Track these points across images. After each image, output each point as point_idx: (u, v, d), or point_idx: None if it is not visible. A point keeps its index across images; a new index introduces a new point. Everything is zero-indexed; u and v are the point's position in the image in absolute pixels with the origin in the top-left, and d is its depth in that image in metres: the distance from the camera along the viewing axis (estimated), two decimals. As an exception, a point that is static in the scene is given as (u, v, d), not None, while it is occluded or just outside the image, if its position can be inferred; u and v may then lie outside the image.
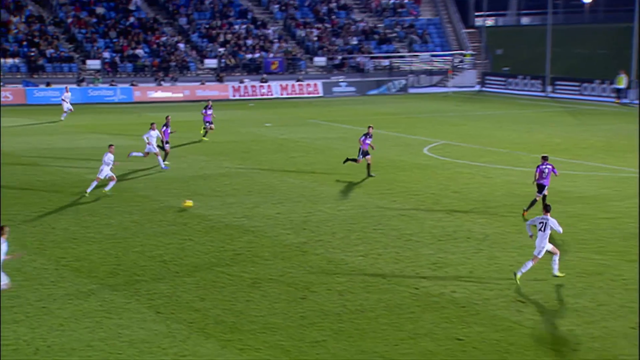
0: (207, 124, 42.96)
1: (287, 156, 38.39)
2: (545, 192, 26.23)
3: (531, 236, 20.35)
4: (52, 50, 68.57)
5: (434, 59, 78.24)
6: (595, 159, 36.27)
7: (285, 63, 73.60)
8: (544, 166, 26.32)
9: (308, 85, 70.09)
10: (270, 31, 76.64)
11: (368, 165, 32.93)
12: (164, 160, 34.90)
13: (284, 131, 47.05)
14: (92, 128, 47.69)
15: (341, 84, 71.18)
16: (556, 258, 20.10)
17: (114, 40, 71.45)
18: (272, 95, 68.16)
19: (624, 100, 59.36)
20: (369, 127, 33.44)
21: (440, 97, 67.44)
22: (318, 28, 78.44)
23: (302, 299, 19.07)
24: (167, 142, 35.74)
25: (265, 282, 20.20)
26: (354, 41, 77.64)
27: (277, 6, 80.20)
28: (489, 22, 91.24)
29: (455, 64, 78.04)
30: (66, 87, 54.72)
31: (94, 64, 68.67)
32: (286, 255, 22.45)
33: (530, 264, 19.84)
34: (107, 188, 29.58)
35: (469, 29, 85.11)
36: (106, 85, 65.33)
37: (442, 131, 45.74)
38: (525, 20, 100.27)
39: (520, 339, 16.57)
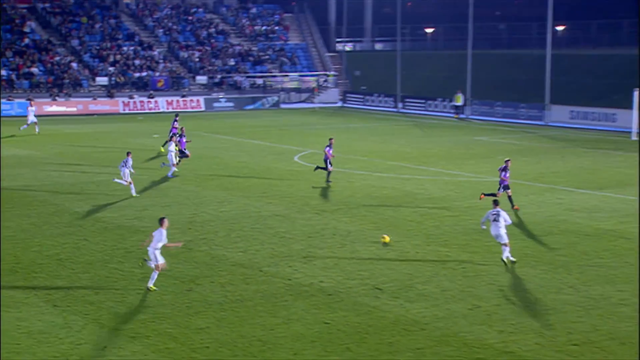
0: (173, 135, 42.03)
1: (173, 164, 37.72)
2: (509, 191, 26.76)
3: (483, 227, 21.24)
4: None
5: (302, 78, 78.71)
6: (438, 166, 37.21)
7: (170, 81, 72.51)
8: (508, 172, 26.74)
9: (191, 100, 69.30)
10: (156, 52, 75.44)
11: (328, 172, 32.46)
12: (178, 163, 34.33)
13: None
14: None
15: (221, 99, 70.68)
16: (506, 249, 20.42)
17: (10, 59, 68.77)
18: (159, 109, 67.07)
19: (462, 115, 61.30)
20: (330, 139, 33.28)
21: (308, 112, 67.88)
22: (199, 50, 77.71)
23: (188, 290, 18.80)
24: (185, 150, 35.75)
25: (154, 277, 19.78)
26: (232, 62, 77.32)
27: (161, 30, 79.06)
28: (348, 47, 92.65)
29: (320, 83, 78.75)
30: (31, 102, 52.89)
31: (-9, 81, 65.75)
32: (173, 252, 22.05)
33: (506, 249, 20.46)
34: (133, 192, 29.53)
35: (331, 53, 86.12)
36: (4, 100, 62.68)
37: (310, 141, 46.02)
38: (379, 46, 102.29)
39: (378, 322, 16.80)
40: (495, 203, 21.07)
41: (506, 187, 26.93)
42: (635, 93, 47.41)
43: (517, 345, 15.41)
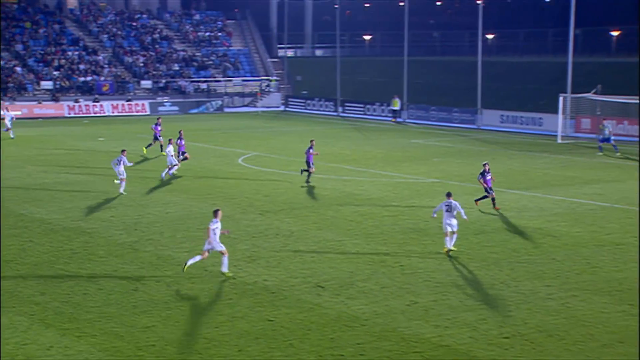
0: (156, 139, 41.48)
1: (119, 166, 37.20)
2: (493, 193, 27.00)
3: (434, 216, 22.05)
4: None
5: (245, 83, 78.43)
6: (377, 167, 37.46)
7: (115, 85, 71.45)
8: (488, 175, 26.93)
9: (137, 104, 68.37)
10: (100, 57, 74.28)
11: (309, 173, 32.68)
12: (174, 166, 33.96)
13: (116, 144, 45.60)
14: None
15: (166, 103, 69.89)
16: (448, 239, 21.15)
17: (-46, 63, 66.98)
18: (104, 113, 66.01)
19: (399, 119, 61.82)
20: (311, 140, 33.40)
21: (251, 116, 67.64)
22: (144, 55, 76.75)
23: (134, 290, 18.55)
24: (184, 152, 35.44)
25: (100, 277, 19.49)
26: (176, 67, 76.57)
27: (106, 36, 77.89)
28: (290, 53, 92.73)
29: (263, 88, 78.58)
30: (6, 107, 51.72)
31: None
32: (119, 253, 21.76)
33: (452, 239, 21.25)
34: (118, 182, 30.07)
35: (273, 59, 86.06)
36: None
37: (253, 144, 45.88)
38: (319, 52, 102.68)
39: (320, 318, 16.83)
40: (448, 195, 21.68)
41: (491, 189, 27.04)
42: (560, 98, 48.49)
43: (452, 339, 15.60)
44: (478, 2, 57.30)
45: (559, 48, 77.90)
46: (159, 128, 41.97)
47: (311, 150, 32.70)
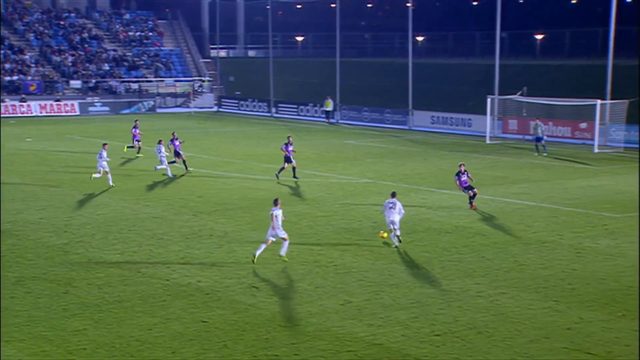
0: (137, 142, 41.02)
1: (49, 167, 36.40)
2: (475, 190, 27.55)
3: (385, 214, 22.65)
4: None
5: (178, 83, 77.63)
6: (311, 168, 37.53)
7: (43, 85, 69.80)
8: (463, 176, 27.35)
9: (66, 105, 66.92)
10: (27, 57, 72.46)
11: (294, 168, 33.24)
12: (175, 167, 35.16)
13: (45, 145, 44.57)
14: None
15: (96, 104, 68.64)
16: (393, 235, 22.22)
17: None
18: (32, 113, 64.43)
19: (332, 120, 62.09)
20: (289, 137, 34.21)
21: (185, 117, 66.99)
22: (72, 55, 75.21)
23: (64, 293, 18.15)
24: (179, 151, 35.59)
25: (29, 280, 19.01)
26: (106, 67, 75.29)
27: (33, 35, 76.01)
28: (222, 53, 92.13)
29: (196, 89, 77.92)
30: None
31: None
32: (49, 255, 21.26)
33: (397, 233, 22.27)
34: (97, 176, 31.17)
35: (205, 59, 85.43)
36: None
37: (187, 145, 45.39)
38: (252, 52, 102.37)
39: (254, 319, 16.77)
40: (393, 194, 22.58)
41: (467, 189, 27.48)
42: (488, 100, 49.48)
43: (385, 338, 15.75)
44: (408, 4, 58.02)
45: (486, 50, 79.50)
46: (138, 130, 41.53)
47: (290, 148, 33.35)
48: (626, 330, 16.01)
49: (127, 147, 41.73)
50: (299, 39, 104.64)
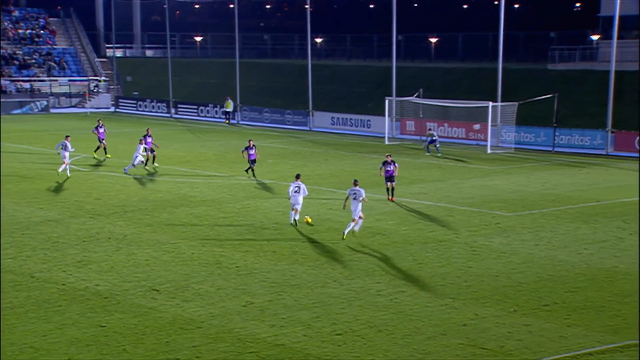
0: (102, 141, 39.84)
1: None
2: (394, 182, 29.17)
3: (344, 207, 24.11)
4: None
5: (72, 83, 75.42)
6: (211, 169, 37.21)
7: None
8: (389, 166, 28.94)
9: (-48, 103, 63.94)
10: None
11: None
12: (153, 163, 36.50)
13: None
14: None
15: (-15, 103, 65.86)
16: (352, 224, 23.28)
17: None
18: None
19: (232, 121, 61.71)
20: (249, 140, 34.71)
21: (80, 117, 65.11)
22: (-41, 52, 72.00)
23: (-47, 302, 17.31)
24: (152, 149, 36.48)
25: None
26: (-4, 65, 72.42)
27: None
28: (119, 53, 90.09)
29: (92, 89, 75.91)
30: None
31: None
32: None
33: (352, 224, 23.22)
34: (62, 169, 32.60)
35: (101, 59, 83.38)
36: None
37: (83, 146, 44.12)
38: (149, 52, 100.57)
39: (155, 322, 16.48)
40: (355, 182, 23.83)
41: (389, 179, 28.98)
42: (387, 101, 50.33)
43: (287, 338, 15.76)
44: (306, 6, 58.32)
45: (383, 53, 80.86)
46: (102, 130, 39.96)
47: (252, 151, 33.62)
48: (518, 325, 16.59)
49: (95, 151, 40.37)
50: (198, 39, 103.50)
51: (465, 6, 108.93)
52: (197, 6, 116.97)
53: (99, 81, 77.10)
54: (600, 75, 53.54)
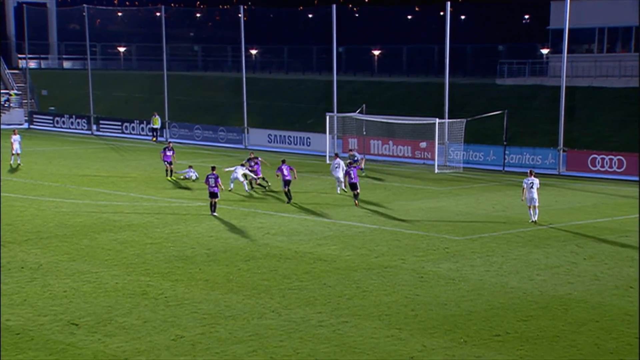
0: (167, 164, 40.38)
1: None
2: (358, 189, 32.98)
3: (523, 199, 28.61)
4: None
5: (-21, 97, 73.87)
6: (137, 191, 36.77)
7: None
8: (352, 169, 32.67)
9: None
10: None
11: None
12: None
13: None
14: None
15: None
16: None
17: None
18: None
19: (160, 139, 61.12)
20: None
21: (-11, 134, 63.60)
22: None
23: None
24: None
25: None
26: None
27: None
28: (32, 64, 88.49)
29: (2, 103, 74.41)
30: None
31: None
32: None
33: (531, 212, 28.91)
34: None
35: (13, 70, 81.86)
36: None
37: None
38: (67, 64, 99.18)
39: (75, 360, 16.19)
40: (530, 172, 29.47)
41: (354, 187, 32.49)
42: (327, 117, 50.59)
43: (222, 374, 15.61)
44: (240, 15, 58.44)
45: (323, 66, 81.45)
46: (169, 153, 40.38)
47: (284, 167, 34.46)
48: (468, 356, 16.78)
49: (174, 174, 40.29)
50: (121, 49, 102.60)
51: (409, 17, 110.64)
52: (120, 14, 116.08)
53: (11, 95, 75.59)
54: (551, 91, 54.95)
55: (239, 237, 27.32)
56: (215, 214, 30.58)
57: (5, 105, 74.56)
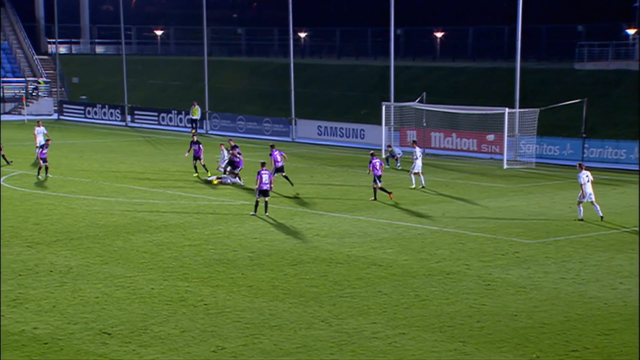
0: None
1: None
2: (381, 181, 33.82)
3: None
4: None
5: (6, 85, 75.35)
6: (176, 188, 37.21)
7: None
8: (375, 160, 33.74)
9: None
10: None
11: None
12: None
13: None
14: None
15: None
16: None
17: None
18: None
19: (200, 130, 61.72)
20: (271, 145, 37.81)
21: (16, 126, 65.04)
22: None
23: None
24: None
25: None
26: None
27: None
28: (62, 49, 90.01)
29: (30, 92, 75.86)
30: None
31: None
32: None
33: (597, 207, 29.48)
34: None
35: (42, 56, 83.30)
36: None
37: (19, 162, 44.07)
38: (100, 49, 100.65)
39: (107, 372, 16.45)
40: (580, 165, 30.55)
41: (379, 178, 33.43)
42: (383, 107, 50.49)
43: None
44: (287, -6, 58.66)
45: (379, 50, 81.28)
46: (276, 152, 40.30)
47: (276, 153, 36.30)
48: (542, 372, 16.65)
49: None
50: (158, 33, 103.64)
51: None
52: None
53: (39, 83, 77.03)
54: (637, 77, 54.04)
55: (286, 239, 27.46)
56: (267, 214, 30.59)
57: (33, 94, 75.95)
